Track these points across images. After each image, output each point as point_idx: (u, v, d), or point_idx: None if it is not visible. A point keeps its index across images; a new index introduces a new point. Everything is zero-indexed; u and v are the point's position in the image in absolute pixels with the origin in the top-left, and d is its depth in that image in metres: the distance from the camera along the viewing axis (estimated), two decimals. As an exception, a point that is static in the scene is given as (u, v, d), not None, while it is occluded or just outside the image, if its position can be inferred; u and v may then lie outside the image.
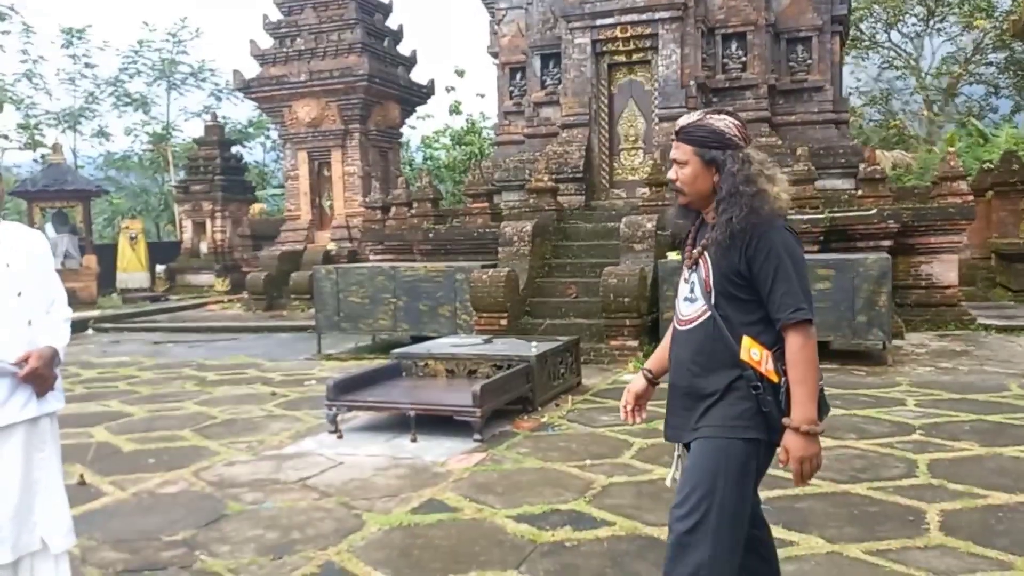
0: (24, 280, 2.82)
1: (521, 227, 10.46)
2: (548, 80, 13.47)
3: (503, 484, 4.73)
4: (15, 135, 28.06)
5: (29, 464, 2.78)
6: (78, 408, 7.24)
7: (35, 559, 2.80)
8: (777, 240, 2.40)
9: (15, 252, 2.84)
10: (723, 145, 2.47)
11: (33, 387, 2.76)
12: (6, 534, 2.70)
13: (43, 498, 2.81)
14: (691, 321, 2.53)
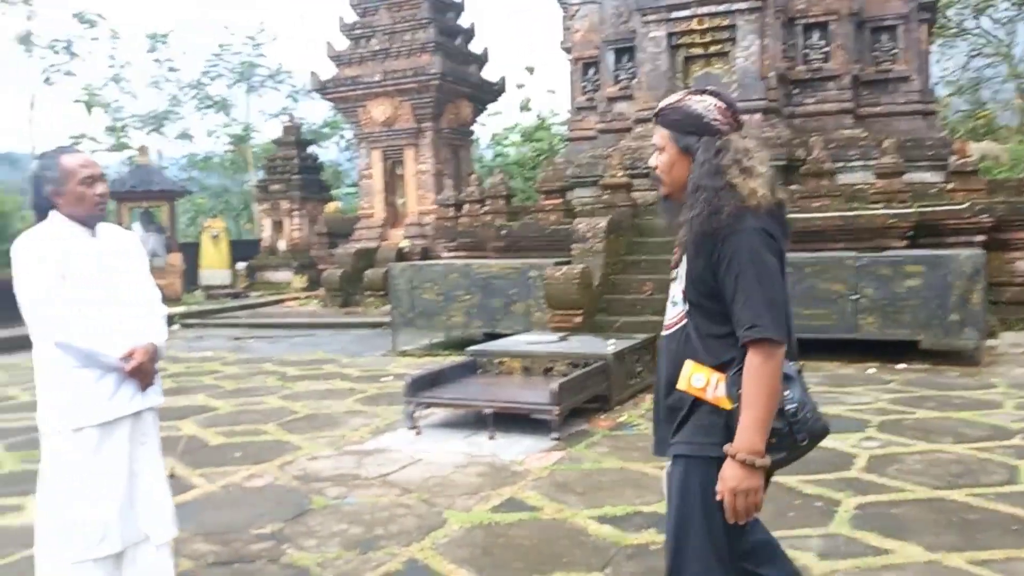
0: (126, 278, 2.92)
1: (595, 223, 10.37)
2: (622, 74, 13.34)
3: (583, 484, 4.68)
4: (103, 137, 29.23)
5: (134, 456, 2.87)
6: (167, 402, 7.39)
7: (138, 550, 2.89)
8: (743, 245, 2.08)
9: (116, 251, 2.94)
10: (699, 130, 2.21)
11: (137, 382, 2.84)
12: (115, 524, 2.80)
13: (146, 490, 2.90)
14: (669, 327, 2.30)
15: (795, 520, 3.98)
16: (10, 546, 3.88)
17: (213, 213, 27.95)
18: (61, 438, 2.76)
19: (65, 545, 2.75)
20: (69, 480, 2.75)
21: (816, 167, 10.42)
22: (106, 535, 2.78)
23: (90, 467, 2.76)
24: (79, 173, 2.82)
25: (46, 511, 2.78)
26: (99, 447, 2.78)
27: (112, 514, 2.79)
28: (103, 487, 2.78)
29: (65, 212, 2.84)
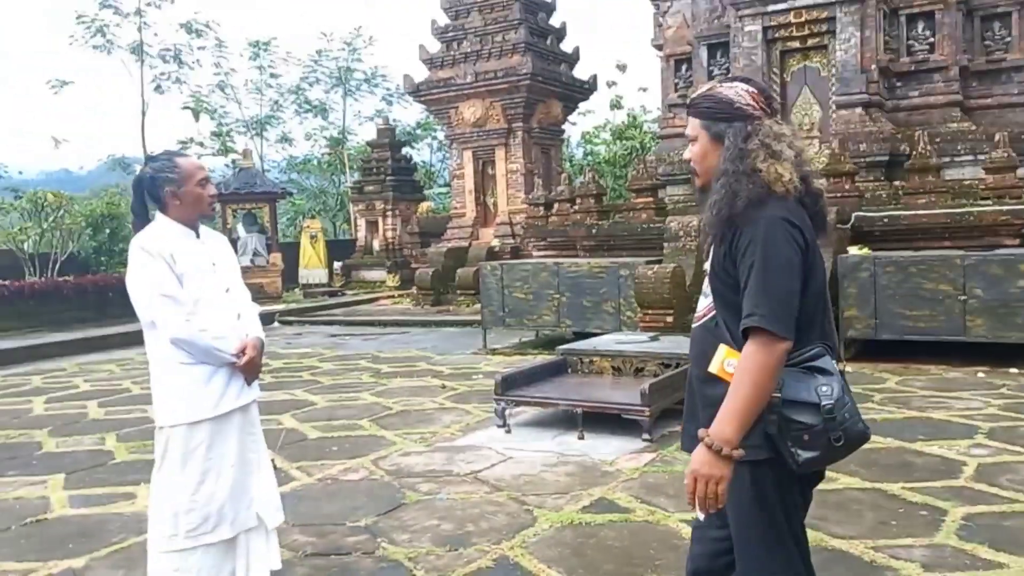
0: (229, 278, 3.07)
1: (687, 222, 10.22)
2: (715, 71, 13.07)
3: (675, 486, 4.61)
4: (209, 142, 30.45)
5: (243, 446, 3.02)
6: (267, 396, 7.72)
7: (250, 536, 3.03)
8: (759, 233, 1.99)
9: (218, 253, 3.08)
10: (732, 116, 2.12)
11: (246, 375, 2.97)
12: (227, 511, 2.93)
13: (257, 478, 3.05)
14: (699, 319, 2.23)
15: (898, 529, 3.83)
16: (123, 532, 4.10)
17: (311, 214, 28.78)
18: (178, 431, 2.90)
19: (180, 532, 2.89)
20: (186, 470, 2.89)
21: (921, 162, 9.99)
22: (220, 522, 2.92)
23: (206, 458, 2.90)
24: (196, 175, 2.97)
25: (161, 499, 2.93)
26: (213, 439, 2.92)
27: (225, 502, 2.93)
28: (218, 476, 2.92)
29: (174, 215, 2.97)
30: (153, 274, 2.86)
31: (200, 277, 2.94)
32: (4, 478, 5.23)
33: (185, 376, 2.89)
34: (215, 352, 2.89)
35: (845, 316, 8.41)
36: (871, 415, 6.12)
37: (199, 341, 2.86)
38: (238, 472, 2.98)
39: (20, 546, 4.00)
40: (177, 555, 2.89)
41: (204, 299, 2.93)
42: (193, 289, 2.91)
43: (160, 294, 2.85)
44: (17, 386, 8.98)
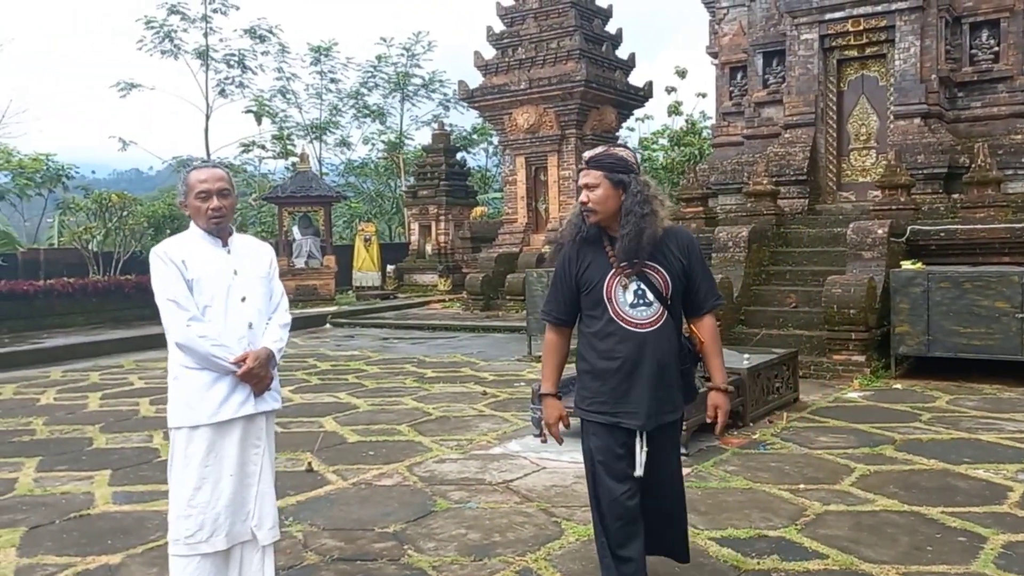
0: (249, 287, 3.09)
1: (737, 232, 10.09)
2: (771, 79, 12.92)
3: (707, 503, 4.56)
4: (270, 145, 31.09)
5: (244, 458, 3.03)
6: (312, 398, 7.88)
7: (245, 549, 3.05)
8: (697, 249, 3.10)
9: (244, 261, 3.12)
10: (627, 170, 2.97)
11: (250, 386, 3.01)
12: (222, 522, 2.96)
13: (256, 491, 3.05)
14: (652, 324, 2.97)
15: (933, 555, 3.73)
16: (159, 530, 4.17)
17: (367, 217, 29.16)
18: (179, 433, 2.98)
19: (180, 538, 2.95)
20: (184, 474, 2.95)
21: (981, 175, 9.70)
22: (215, 531, 2.96)
23: (203, 464, 2.95)
24: (196, 188, 3.03)
25: (170, 504, 3.00)
26: (212, 446, 2.96)
27: (222, 512, 2.96)
28: (215, 485, 2.96)
29: (195, 224, 3.09)
30: (162, 278, 2.95)
31: (213, 284, 2.99)
32: (53, 473, 5.42)
33: (189, 380, 2.96)
34: (212, 359, 2.93)
35: (896, 332, 8.21)
36: (916, 435, 5.97)
37: (198, 347, 2.91)
38: (237, 483, 3.00)
39: (62, 540, 4.14)
40: (179, 560, 2.96)
41: (214, 306, 2.98)
42: (204, 296, 2.97)
43: (166, 298, 2.93)
44: (76, 382, 9.30)
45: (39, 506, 4.71)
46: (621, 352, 2.96)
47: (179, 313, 2.91)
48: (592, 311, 3.03)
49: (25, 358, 10.90)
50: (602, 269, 2.98)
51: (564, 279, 3.08)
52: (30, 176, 22.44)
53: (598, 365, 3.01)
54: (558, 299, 3.12)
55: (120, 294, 15.01)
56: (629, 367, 2.96)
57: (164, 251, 2.99)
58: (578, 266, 3.03)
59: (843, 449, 5.65)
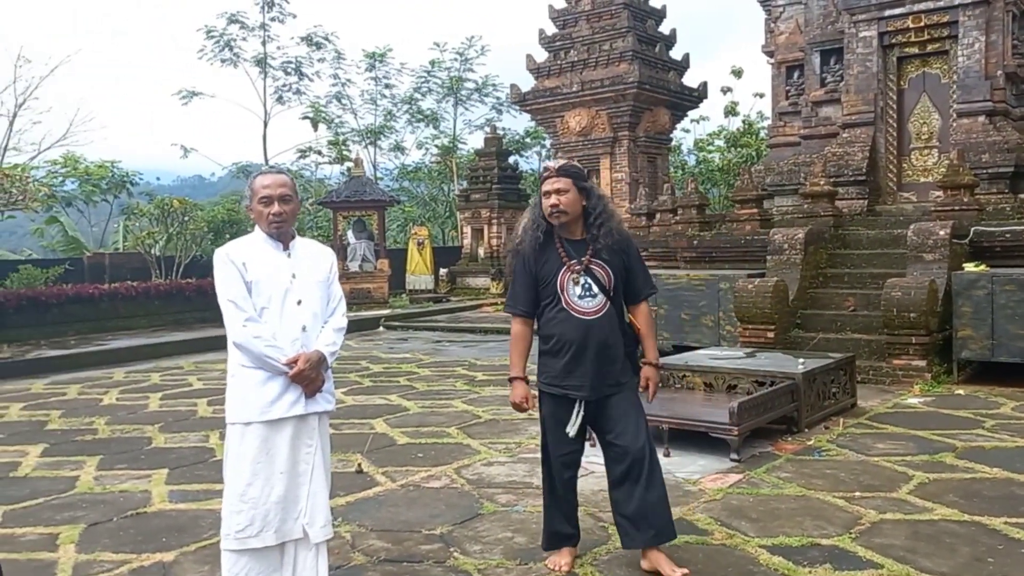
0: (306, 291, 3.15)
1: (793, 234, 9.90)
2: (828, 77, 12.66)
3: (759, 510, 4.48)
4: (326, 151, 31.55)
5: (296, 456, 3.08)
6: (364, 400, 7.96)
7: (298, 546, 3.10)
8: (634, 246, 3.72)
9: (303, 265, 3.18)
10: (586, 179, 3.63)
11: (302, 387, 3.05)
12: (272, 518, 3.01)
13: (307, 490, 3.09)
14: (596, 312, 3.54)
15: (995, 567, 3.60)
16: (212, 528, 4.25)
17: (420, 221, 29.38)
18: (234, 429, 3.05)
19: (231, 532, 3.01)
20: (238, 469, 3.02)
21: (1051, 173, 9.35)
22: (265, 528, 3.01)
23: (255, 460, 3.00)
24: (259, 193, 3.11)
25: (223, 500, 3.06)
26: (264, 443, 3.02)
27: (272, 508, 3.01)
28: (266, 481, 3.01)
29: (260, 228, 3.17)
30: (223, 278, 3.04)
31: (271, 287, 3.06)
32: (113, 471, 5.57)
33: (244, 378, 3.04)
34: (266, 359, 3.01)
35: (959, 336, 7.97)
36: (979, 442, 5.78)
37: (252, 347, 2.99)
38: (288, 481, 3.04)
39: (118, 537, 4.25)
40: (230, 555, 3.01)
41: (271, 308, 3.05)
42: (261, 298, 3.05)
43: (225, 299, 3.02)
44: (138, 382, 9.55)
45: (98, 504, 4.85)
46: (569, 335, 3.54)
47: (237, 313, 3.00)
48: (547, 301, 3.60)
49: (90, 359, 11.23)
50: (556, 266, 3.56)
51: (525, 275, 3.62)
52: (96, 182, 23.17)
53: (552, 347, 3.61)
54: (520, 293, 3.65)
55: (181, 297, 15.39)
56: (576, 348, 3.54)
57: (227, 252, 3.08)
58: (536, 264, 3.58)
59: (901, 456, 5.50)
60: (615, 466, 3.63)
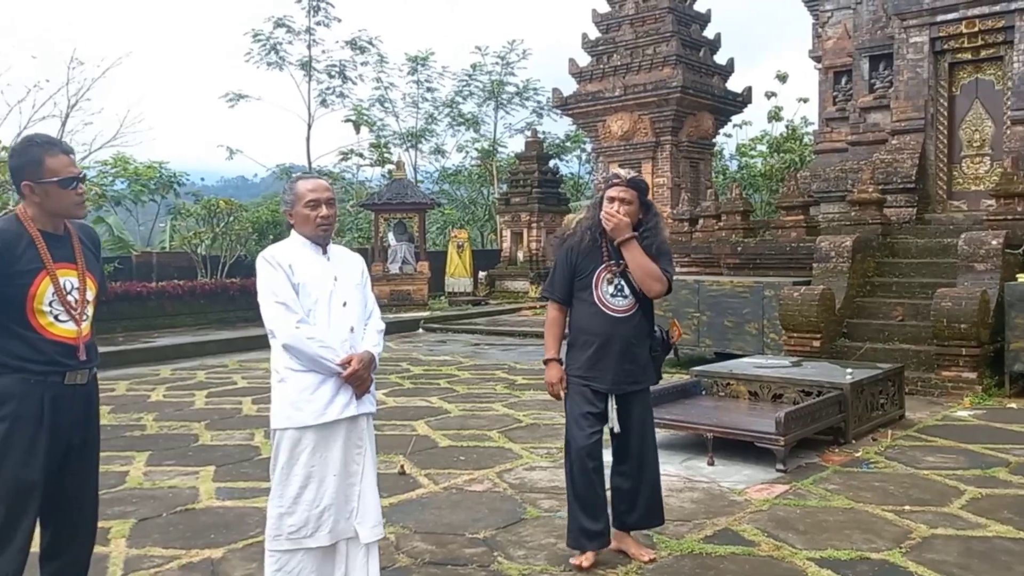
0: (349, 293, 3.18)
1: (840, 242, 9.75)
2: (877, 83, 12.47)
3: (806, 522, 4.41)
4: (368, 153, 31.82)
5: (348, 458, 3.10)
6: (405, 402, 8.00)
7: (350, 546, 3.12)
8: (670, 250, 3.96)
9: (341, 268, 3.21)
10: (647, 195, 3.86)
11: (353, 388, 3.08)
12: (326, 519, 3.04)
13: (359, 491, 3.11)
14: (626, 311, 3.78)
15: (1054, 589, 3.50)
16: (259, 526, 4.29)
17: (460, 224, 29.48)
18: (286, 435, 3.05)
19: (283, 532, 3.03)
20: (290, 474, 3.03)
21: (1110, 183, 9.10)
22: (319, 528, 3.03)
23: (308, 464, 3.02)
24: (305, 197, 3.13)
25: (271, 498, 3.08)
26: (317, 446, 3.03)
27: (326, 509, 3.03)
28: (320, 483, 3.03)
29: (299, 231, 3.18)
30: (271, 282, 3.04)
31: (317, 289, 3.08)
32: (161, 467, 5.67)
33: (295, 383, 3.04)
34: (320, 360, 3.01)
35: (1011, 348, 7.79)
36: (1035, 459, 5.63)
37: (306, 348, 2.99)
38: (340, 482, 3.06)
39: (168, 533, 4.32)
40: (281, 555, 3.04)
41: (318, 310, 3.07)
42: (308, 300, 3.06)
43: (275, 301, 3.02)
44: (184, 380, 9.71)
45: (148, 499, 4.93)
46: (597, 329, 3.76)
47: (288, 316, 3.00)
48: (581, 295, 3.82)
49: (137, 356, 11.44)
50: (595, 263, 3.79)
51: (565, 265, 3.85)
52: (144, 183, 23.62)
53: (580, 339, 3.82)
54: (557, 281, 3.88)
55: (225, 296, 15.62)
56: (601, 342, 3.75)
57: (272, 256, 3.08)
58: (578, 256, 3.81)
59: (952, 470, 5.38)
60: (618, 458, 3.92)
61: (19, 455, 2.69)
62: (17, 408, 2.69)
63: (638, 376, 3.84)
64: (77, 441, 2.85)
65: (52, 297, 2.75)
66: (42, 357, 2.73)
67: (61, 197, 2.77)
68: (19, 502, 2.70)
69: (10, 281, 2.68)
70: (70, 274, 2.82)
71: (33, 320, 2.73)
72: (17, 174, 2.78)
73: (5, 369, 2.71)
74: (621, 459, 3.91)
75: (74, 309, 2.81)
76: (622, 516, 3.93)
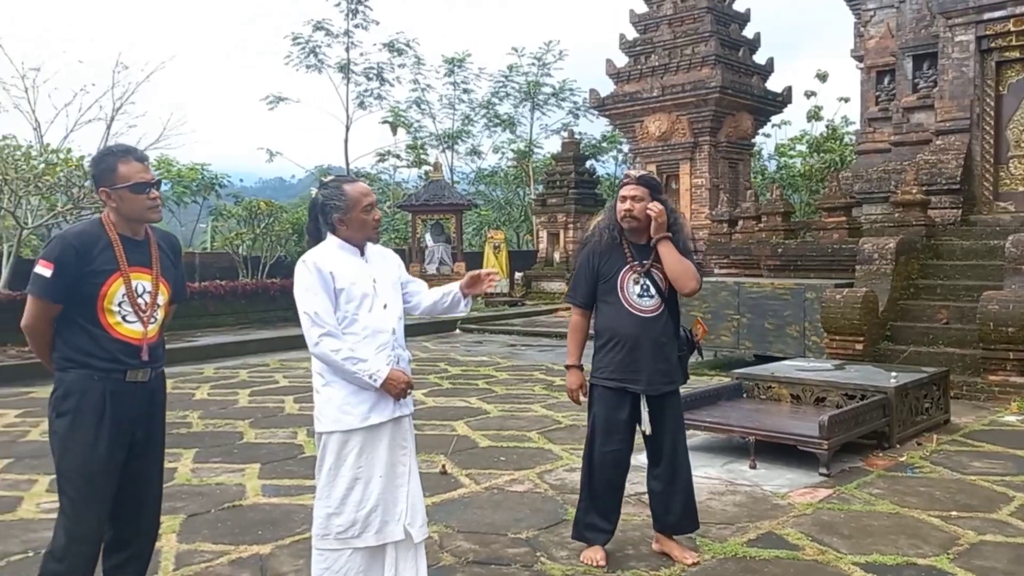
0: (388, 294, 3.19)
1: (883, 243, 9.63)
2: (921, 83, 12.29)
3: (850, 526, 4.37)
4: (405, 155, 32.06)
5: (393, 459, 3.13)
6: (443, 402, 8.05)
7: (398, 548, 3.14)
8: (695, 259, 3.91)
9: (378, 269, 3.22)
10: (662, 191, 3.87)
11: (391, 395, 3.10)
12: (373, 520, 3.07)
13: (406, 491, 3.14)
14: (653, 311, 3.77)
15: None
16: (305, 523, 4.33)
17: (496, 225, 29.56)
18: (332, 438, 3.08)
19: (331, 532, 3.07)
20: (337, 476, 3.06)
21: None
22: (366, 529, 3.06)
23: (355, 465, 3.05)
24: (362, 201, 3.14)
25: (318, 499, 3.12)
26: (363, 448, 3.06)
27: (373, 510, 3.07)
28: (366, 485, 3.06)
29: (342, 236, 3.16)
30: (304, 290, 3.04)
31: (359, 293, 3.08)
32: (208, 464, 5.77)
33: (339, 387, 3.06)
34: (346, 370, 3.01)
35: None
36: (1087, 466, 5.51)
37: (330, 360, 3.01)
38: (386, 483, 3.09)
39: (217, 528, 4.41)
40: (329, 554, 3.08)
41: (360, 315, 3.07)
42: (351, 305, 3.06)
43: (303, 310, 3.03)
44: (227, 378, 9.87)
45: (196, 495, 5.03)
46: (625, 330, 3.74)
47: (313, 328, 3.00)
48: (607, 298, 3.80)
49: (182, 355, 11.65)
50: (619, 264, 3.78)
51: (588, 269, 3.84)
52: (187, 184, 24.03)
53: (607, 341, 3.80)
54: (580, 286, 3.88)
55: (266, 296, 15.84)
56: (632, 343, 3.73)
57: (315, 261, 3.06)
58: (600, 260, 3.81)
59: (1000, 476, 5.30)
60: (652, 460, 3.92)
61: (82, 447, 2.81)
62: (80, 402, 2.82)
63: (672, 375, 3.85)
64: (140, 435, 2.96)
65: (122, 298, 2.88)
66: (106, 354, 2.85)
67: (134, 202, 2.90)
68: (85, 492, 2.81)
69: (85, 280, 2.82)
70: (143, 278, 2.95)
71: (102, 318, 2.85)
72: (96, 181, 2.95)
73: (71, 364, 2.84)
74: (655, 461, 3.91)
75: (143, 311, 2.93)
76: (661, 518, 3.94)
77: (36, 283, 2.82)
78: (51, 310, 2.85)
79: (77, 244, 2.83)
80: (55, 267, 2.79)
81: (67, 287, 2.81)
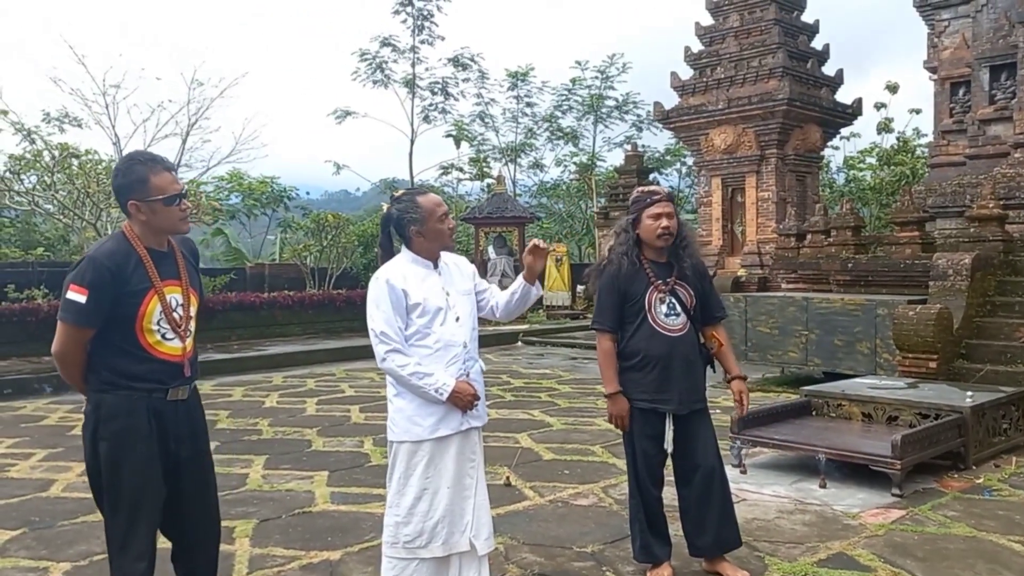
0: (461, 307, 3.23)
1: (958, 259, 9.35)
2: (998, 94, 11.92)
3: (925, 549, 4.26)
4: (468, 168, 32.32)
5: (461, 471, 3.16)
6: (507, 414, 8.09)
7: (463, 559, 3.17)
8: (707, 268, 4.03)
9: (452, 280, 3.26)
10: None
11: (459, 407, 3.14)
12: (440, 530, 3.11)
13: (472, 503, 3.17)
14: (680, 329, 3.77)
15: None
16: (373, 531, 4.46)
17: (558, 237, 29.57)
18: (402, 447, 3.14)
19: (399, 541, 3.12)
20: (406, 485, 3.12)
21: None
22: (432, 539, 3.10)
23: (424, 476, 3.10)
24: (436, 212, 3.18)
25: (388, 507, 3.18)
26: (432, 459, 3.11)
27: (440, 521, 3.11)
28: (434, 496, 3.11)
29: (416, 248, 3.20)
30: (376, 305, 3.10)
31: (433, 308, 3.13)
32: (279, 471, 5.91)
33: (409, 398, 3.12)
34: (416, 386, 3.06)
35: None
36: None
37: (397, 376, 3.08)
38: (454, 495, 3.12)
39: (288, 534, 4.52)
40: (397, 562, 3.13)
41: (434, 328, 3.12)
42: (424, 319, 3.11)
43: (371, 327, 3.10)
44: (295, 387, 10.09)
45: (268, 501, 5.16)
46: (656, 351, 3.71)
47: (380, 345, 3.07)
48: (634, 320, 3.76)
49: (252, 363, 11.95)
50: (644, 285, 3.75)
51: (613, 293, 3.78)
52: (257, 197, 24.65)
53: (638, 363, 3.74)
54: (606, 311, 3.82)
55: (332, 307, 16.14)
56: (664, 363, 3.71)
57: (388, 278, 3.10)
58: (625, 283, 3.76)
59: (1086, 502, 5.09)
60: (684, 479, 3.86)
61: (130, 468, 2.72)
62: (125, 424, 2.73)
63: (700, 393, 3.85)
64: (186, 454, 2.87)
65: (160, 316, 2.77)
66: (150, 375, 2.76)
67: (167, 214, 2.78)
68: (135, 512, 2.74)
69: (122, 300, 2.70)
70: (175, 291, 2.83)
71: (142, 339, 2.75)
72: (123, 193, 2.78)
73: (112, 387, 2.74)
74: (686, 481, 3.84)
75: (179, 326, 2.82)
76: (691, 539, 3.88)
77: (69, 309, 2.67)
78: (85, 335, 2.72)
79: (111, 265, 2.68)
80: (89, 292, 2.65)
81: (103, 312, 2.68)
